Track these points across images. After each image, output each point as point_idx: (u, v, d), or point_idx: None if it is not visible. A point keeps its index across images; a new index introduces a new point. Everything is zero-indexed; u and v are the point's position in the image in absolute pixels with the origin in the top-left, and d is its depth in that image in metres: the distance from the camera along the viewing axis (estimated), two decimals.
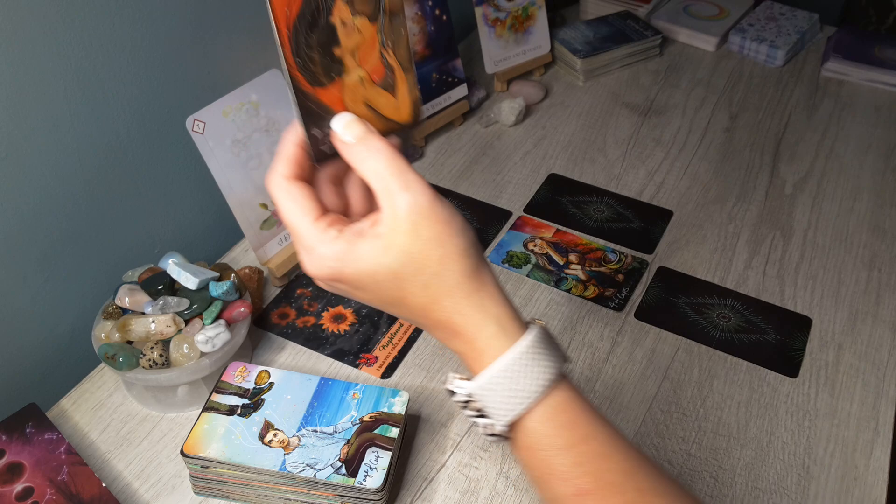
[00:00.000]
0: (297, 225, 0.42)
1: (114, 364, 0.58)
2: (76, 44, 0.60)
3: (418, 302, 0.41)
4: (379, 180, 0.40)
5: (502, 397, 0.40)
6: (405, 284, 0.41)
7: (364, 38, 0.41)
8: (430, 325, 0.42)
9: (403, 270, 0.41)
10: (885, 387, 0.66)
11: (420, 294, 0.41)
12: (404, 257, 0.40)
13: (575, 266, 0.76)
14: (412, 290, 0.41)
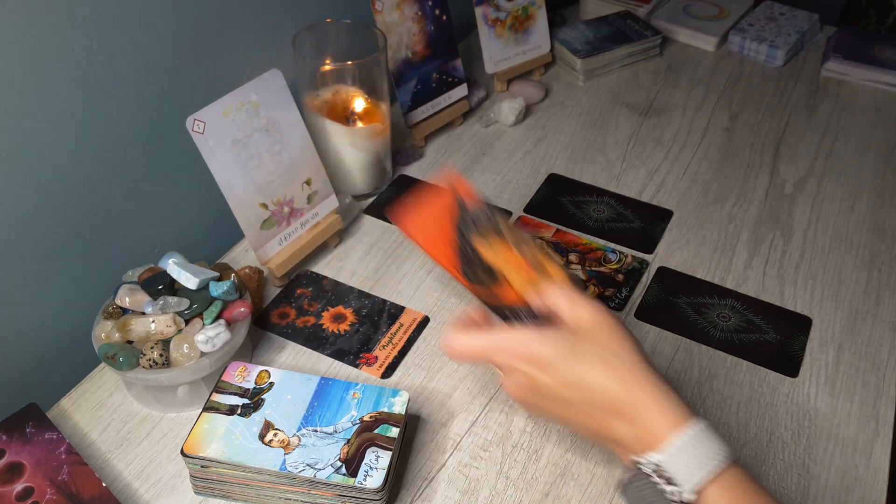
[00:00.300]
0: (496, 339, 0.51)
1: (114, 364, 0.58)
2: (76, 44, 0.60)
3: (598, 381, 0.47)
4: (564, 299, 0.51)
5: (689, 465, 0.44)
6: (587, 359, 0.48)
7: (503, 249, 0.56)
8: (606, 407, 0.47)
9: (586, 348, 0.48)
10: (886, 387, 0.66)
11: (600, 371, 0.47)
12: (588, 336, 0.49)
13: (575, 266, 0.76)
14: (593, 366, 0.47)
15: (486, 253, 0.56)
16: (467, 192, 0.58)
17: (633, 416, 0.46)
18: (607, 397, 0.47)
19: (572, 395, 0.48)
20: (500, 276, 0.55)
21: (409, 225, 0.58)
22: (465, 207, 0.58)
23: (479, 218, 0.57)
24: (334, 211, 0.77)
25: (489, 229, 0.57)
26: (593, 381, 0.47)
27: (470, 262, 0.56)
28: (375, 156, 0.81)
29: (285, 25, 0.80)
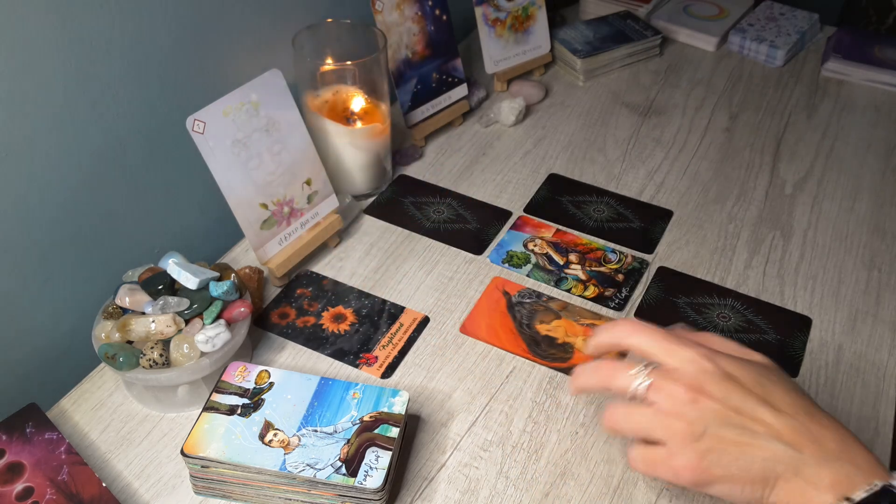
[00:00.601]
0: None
1: (114, 364, 0.58)
2: (76, 44, 0.60)
3: (785, 398, 0.46)
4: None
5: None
6: (775, 379, 0.47)
7: (562, 323, 0.70)
8: (821, 419, 0.46)
9: (773, 371, 0.48)
10: (885, 387, 0.66)
11: (785, 395, 0.46)
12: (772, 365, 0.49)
13: (575, 266, 0.76)
14: (779, 387, 0.47)
15: (550, 333, 0.69)
16: (514, 289, 0.72)
17: (847, 440, 0.45)
18: (799, 420, 0.45)
19: (771, 393, 0.46)
20: (569, 348, 0.67)
21: (480, 334, 0.69)
22: (518, 304, 0.71)
23: (532, 307, 0.71)
24: (334, 211, 0.77)
25: (545, 313, 0.70)
26: (781, 401, 0.46)
27: (539, 344, 0.68)
28: (375, 156, 0.81)
29: (285, 25, 0.80)
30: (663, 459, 0.46)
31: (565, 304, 0.72)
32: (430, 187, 0.86)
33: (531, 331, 0.69)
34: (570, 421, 0.63)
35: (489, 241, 0.79)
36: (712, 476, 0.45)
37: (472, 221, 0.81)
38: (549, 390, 0.65)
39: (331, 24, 0.80)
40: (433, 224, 0.81)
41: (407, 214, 0.82)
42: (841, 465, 0.44)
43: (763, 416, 0.45)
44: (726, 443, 0.45)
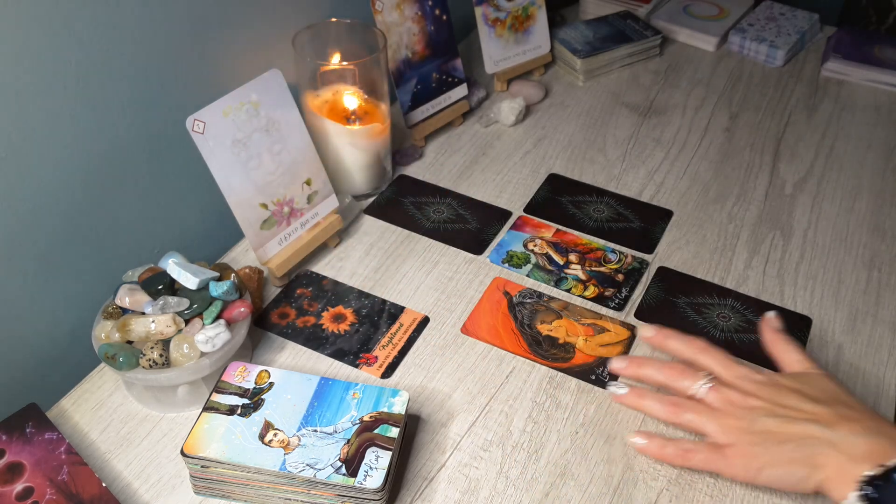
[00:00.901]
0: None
1: (114, 364, 0.58)
2: (75, 44, 0.60)
3: (822, 391, 0.54)
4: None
5: None
6: (815, 379, 0.56)
7: (563, 323, 0.70)
8: (855, 405, 0.53)
9: (816, 374, 0.57)
10: (885, 387, 0.66)
11: (822, 388, 0.54)
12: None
13: (575, 266, 0.76)
14: (818, 383, 0.55)
15: (552, 333, 0.69)
16: (515, 289, 0.73)
17: (880, 421, 0.52)
18: (845, 396, 0.54)
19: (809, 387, 0.55)
20: (570, 348, 0.68)
21: (481, 334, 0.69)
22: (520, 304, 0.71)
23: (533, 307, 0.71)
24: (334, 211, 0.77)
25: (546, 314, 0.70)
26: (850, 401, 0.54)
27: (540, 344, 0.68)
28: (375, 156, 0.81)
29: (285, 25, 0.80)
30: (720, 453, 0.54)
31: (566, 303, 0.72)
32: (430, 187, 0.86)
33: (532, 331, 0.69)
34: (570, 421, 0.63)
35: (489, 241, 0.79)
36: (761, 462, 0.52)
37: (472, 221, 0.81)
38: (548, 390, 0.65)
39: (331, 24, 0.80)
40: (433, 224, 0.81)
41: (407, 214, 0.82)
42: (874, 438, 0.50)
43: (802, 405, 0.53)
44: (771, 432, 0.52)
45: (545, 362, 0.67)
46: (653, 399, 0.58)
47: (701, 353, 0.59)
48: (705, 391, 0.56)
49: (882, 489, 0.47)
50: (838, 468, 0.50)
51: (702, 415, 0.55)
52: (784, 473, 0.52)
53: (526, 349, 0.68)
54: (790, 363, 0.59)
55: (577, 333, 0.69)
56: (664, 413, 0.58)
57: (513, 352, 0.68)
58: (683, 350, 0.60)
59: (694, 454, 0.55)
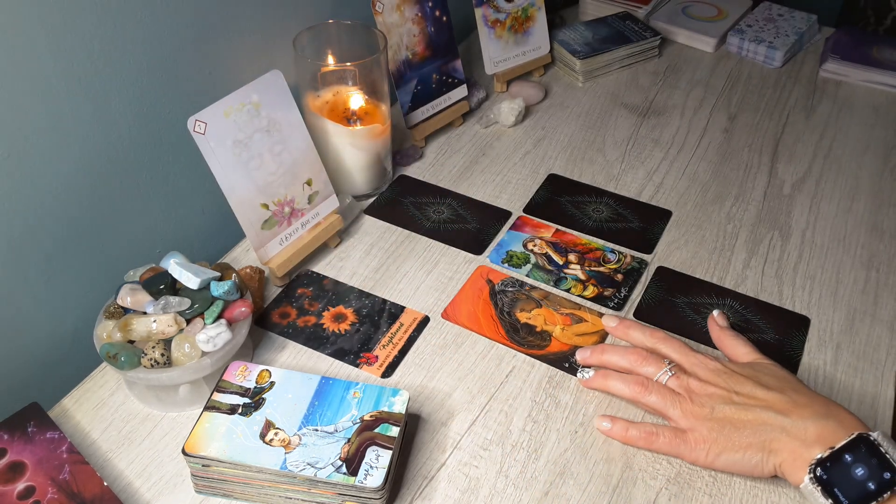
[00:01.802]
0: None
1: (115, 363, 0.58)
2: (78, 45, 0.60)
3: (776, 379, 0.57)
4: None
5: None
6: (770, 368, 0.59)
7: (542, 312, 0.71)
8: (804, 392, 0.56)
9: (770, 364, 0.60)
10: (884, 386, 0.66)
11: (775, 377, 0.58)
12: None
13: (574, 266, 0.77)
14: (772, 372, 0.59)
15: (530, 321, 0.70)
16: (498, 278, 0.73)
17: (829, 404, 0.55)
18: (795, 382, 0.57)
19: (763, 375, 0.58)
20: (547, 336, 0.69)
21: (461, 319, 0.70)
22: (501, 292, 0.72)
23: (514, 295, 0.72)
24: (335, 211, 0.77)
25: (526, 302, 0.71)
26: (803, 389, 0.57)
27: (518, 331, 0.69)
28: (376, 156, 0.82)
29: (286, 26, 0.80)
30: (682, 438, 0.57)
31: (547, 293, 0.73)
32: (430, 187, 0.86)
33: (511, 318, 0.70)
34: (570, 420, 0.63)
35: (489, 241, 0.79)
36: (719, 448, 0.56)
37: (472, 221, 0.81)
38: (548, 390, 0.65)
39: (331, 25, 0.80)
40: (433, 224, 0.81)
41: (407, 214, 0.82)
42: (824, 422, 0.53)
43: (756, 393, 0.56)
44: (729, 419, 0.56)
45: (521, 349, 0.68)
46: (618, 379, 0.61)
47: (661, 343, 0.63)
48: (666, 378, 0.59)
49: (831, 470, 0.51)
50: (792, 453, 0.53)
51: (665, 398, 0.59)
52: (741, 458, 0.55)
53: (503, 335, 0.69)
54: (739, 355, 0.62)
55: (555, 322, 0.70)
56: (629, 392, 0.60)
57: (490, 338, 0.69)
58: (644, 340, 0.64)
59: (657, 437, 0.58)
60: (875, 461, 0.50)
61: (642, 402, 0.60)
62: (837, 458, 0.51)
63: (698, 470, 0.59)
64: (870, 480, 0.50)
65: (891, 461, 0.50)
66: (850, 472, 0.50)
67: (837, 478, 0.51)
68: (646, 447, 0.59)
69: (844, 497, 0.50)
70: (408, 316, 0.71)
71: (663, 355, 0.62)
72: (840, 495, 0.50)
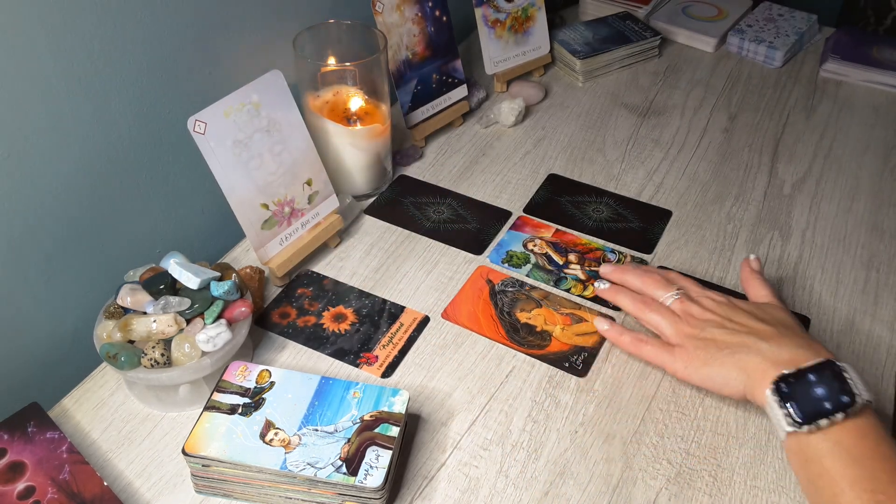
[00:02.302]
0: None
1: (115, 363, 0.58)
2: (78, 45, 0.60)
3: (771, 315, 0.61)
4: None
5: (858, 378, 0.53)
6: (771, 308, 0.62)
7: (542, 312, 0.71)
8: (784, 320, 0.60)
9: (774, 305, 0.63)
10: (884, 386, 0.66)
11: (771, 314, 0.61)
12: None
13: (574, 266, 0.77)
14: (770, 309, 0.62)
15: (530, 321, 0.70)
16: (498, 278, 0.74)
17: (812, 340, 0.57)
18: (794, 324, 0.60)
19: (762, 311, 0.61)
20: (547, 335, 0.69)
21: (461, 320, 0.70)
22: (501, 292, 0.73)
23: (514, 295, 0.72)
24: (335, 211, 0.77)
25: (526, 302, 0.71)
26: (783, 313, 0.61)
27: (518, 331, 0.69)
28: (376, 156, 0.82)
29: (286, 26, 0.80)
30: (668, 351, 0.61)
31: (547, 293, 0.73)
32: (430, 187, 0.86)
33: (511, 318, 0.70)
34: (570, 420, 0.63)
35: (489, 241, 0.79)
36: (698, 363, 0.59)
37: (472, 221, 0.81)
38: (548, 390, 0.65)
39: (331, 25, 0.80)
40: (433, 224, 0.81)
41: (407, 214, 0.82)
42: (799, 350, 0.56)
43: (747, 322, 0.60)
44: (715, 340, 0.59)
45: (521, 349, 0.68)
46: (625, 295, 0.67)
47: (676, 277, 0.68)
48: (671, 301, 0.64)
49: (793, 385, 0.53)
50: (762, 372, 0.55)
51: (664, 317, 0.63)
52: (715, 373, 0.58)
53: (503, 335, 0.69)
54: (757, 296, 0.65)
55: (555, 322, 0.70)
56: (632, 307, 0.66)
57: (490, 338, 0.69)
58: (661, 274, 0.68)
59: (645, 345, 0.63)
60: (837, 384, 0.52)
61: (643, 318, 0.64)
62: (801, 376, 0.53)
63: (699, 470, 0.59)
64: (827, 400, 0.52)
65: (851, 387, 0.52)
66: (809, 390, 0.52)
67: (797, 393, 0.53)
68: (634, 352, 0.64)
69: (799, 410, 0.52)
70: (408, 316, 0.71)
71: (676, 283, 0.66)
72: (795, 407, 0.52)
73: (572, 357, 0.67)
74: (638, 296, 0.66)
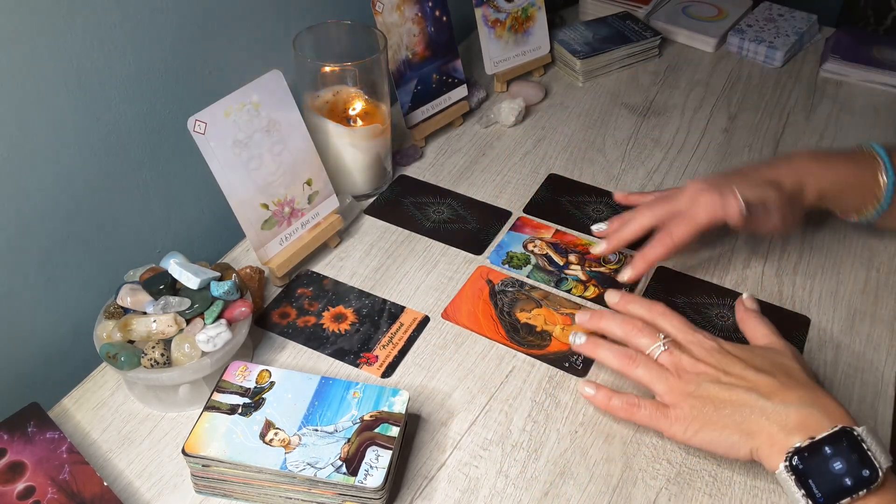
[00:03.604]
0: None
1: (115, 363, 0.58)
2: (77, 44, 0.60)
3: (770, 362, 0.56)
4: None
5: (879, 446, 0.50)
6: (769, 353, 0.58)
7: (542, 312, 0.71)
8: (796, 376, 0.55)
9: (774, 349, 0.59)
10: (884, 386, 0.66)
11: (770, 360, 0.57)
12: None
13: (575, 266, 0.77)
14: (768, 355, 0.58)
15: (530, 321, 0.70)
16: (498, 278, 0.73)
17: (818, 393, 0.53)
18: (795, 369, 0.56)
19: (759, 358, 0.57)
20: (547, 335, 0.69)
21: (461, 320, 0.70)
22: (501, 292, 0.72)
23: (514, 295, 0.72)
24: (335, 211, 0.77)
25: (526, 302, 0.71)
26: (783, 357, 0.57)
27: (518, 331, 0.69)
28: (376, 156, 0.82)
29: (286, 26, 0.80)
30: (663, 413, 0.57)
31: (547, 293, 0.73)
32: (430, 187, 0.86)
33: (511, 318, 0.70)
34: (570, 420, 0.63)
35: (489, 242, 0.79)
36: (698, 425, 0.55)
37: (472, 222, 0.81)
38: (548, 389, 0.65)
39: (331, 25, 0.80)
40: (433, 224, 0.81)
41: (407, 214, 0.82)
42: (807, 409, 0.52)
43: (745, 374, 0.55)
44: (712, 397, 0.55)
45: (521, 349, 0.68)
46: (608, 349, 0.61)
47: (661, 317, 0.61)
48: (659, 352, 0.59)
49: (808, 460, 0.50)
50: (770, 438, 0.52)
51: (652, 372, 0.58)
52: (717, 436, 0.54)
53: (503, 335, 0.69)
54: (757, 338, 0.61)
55: (555, 322, 0.70)
56: (617, 364, 0.60)
57: (490, 337, 0.69)
58: (644, 314, 0.62)
59: (638, 409, 0.58)
60: (856, 457, 0.49)
61: (629, 374, 0.59)
62: (817, 449, 0.50)
63: (699, 470, 0.59)
64: (847, 476, 0.49)
65: (871, 458, 0.49)
66: (827, 465, 0.49)
67: (814, 469, 0.49)
68: (626, 418, 0.59)
69: (818, 490, 0.49)
70: (408, 316, 0.71)
71: (661, 329, 0.61)
72: (814, 487, 0.49)
73: (572, 357, 0.67)
74: (620, 349, 0.60)
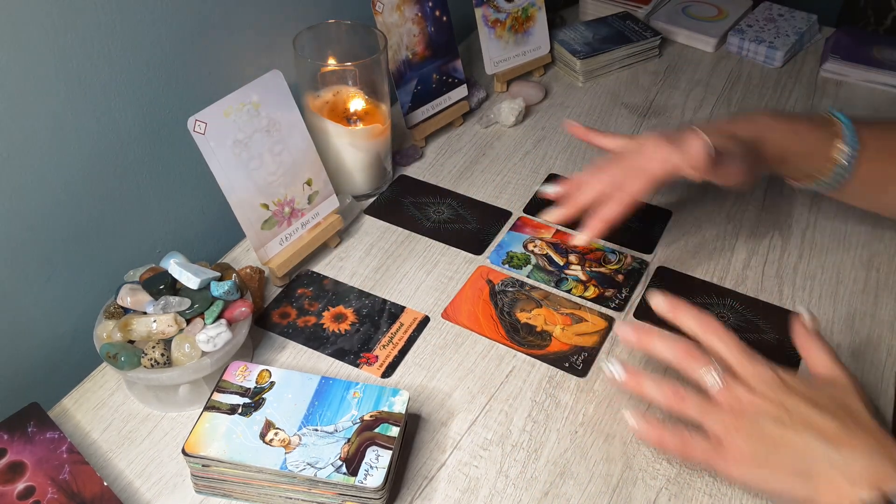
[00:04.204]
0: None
1: (115, 363, 0.58)
2: (77, 44, 0.60)
3: (836, 402, 0.53)
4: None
5: None
6: (832, 389, 0.54)
7: (542, 312, 0.71)
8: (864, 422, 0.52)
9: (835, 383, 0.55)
10: (884, 386, 0.66)
11: (836, 400, 0.53)
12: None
13: (575, 266, 0.77)
14: (833, 393, 0.54)
15: (530, 321, 0.70)
16: (498, 278, 0.73)
17: (884, 441, 0.50)
18: (860, 410, 0.52)
19: (823, 397, 0.53)
20: (547, 335, 0.69)
21: (461, 319, 0.70)
22: (501, 292, 0.72)
23: (514, 295, 0.72)
24: (335, 211, 0.77)
25: (527, 302, 0.71)
26: (847, 395, 0.54)
27: (518, 331, 0.69)
28: (376, 156, 0.82)
29: (286, 26, 0.80)
30: (718, 450, 0.53)
31: (547, 293, 0.73)
32: (430, 187, 0.86)
33: (511, 318, 0.70)
34: (570, 420, 0.63)
35: (489, 241, 0.79)
36: (754, 462, 0.51)
37: (472, 222, 0.81)
38: (548, 389, 0.65)
39: (331, 25, 0.80)
40: (433, 224, 0.81)
41: (407, 214, 0.82)
42: (875, 460, 0.49)
43: (809, 415, 0.51)
44: (773, 439, 0.51)
45: (521, 349, 0.68)
46: (654, 386, 0.56)
47: (713, 335, 0.56)
48: (716, 388, 0.54)
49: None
50: (835, 489, 0.49)
51: (705, 409, 0.54)
52: (778, 482, 0.51)
53: (503, 335, 0.69)
54: (818, 366, 0.57)
55: (556, 322, 0.70)
56: (665, 402, 0.55)
57: (490, 338, 0.69)
58: (695, 328, 0.57)
59: (693, 448, 0.54)
60: None
61: (680, 413, 0.55)
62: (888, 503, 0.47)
63: (698, 470, 0.59)
64: None
65: None
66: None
67: None
68: (680, 457, 0.57)
69: None
70: (408, 316, 0.71)
71: (713, 351, 0.56)
72: None
73: (572, 357, 0.67)
74: (668, 385, 0.55)
